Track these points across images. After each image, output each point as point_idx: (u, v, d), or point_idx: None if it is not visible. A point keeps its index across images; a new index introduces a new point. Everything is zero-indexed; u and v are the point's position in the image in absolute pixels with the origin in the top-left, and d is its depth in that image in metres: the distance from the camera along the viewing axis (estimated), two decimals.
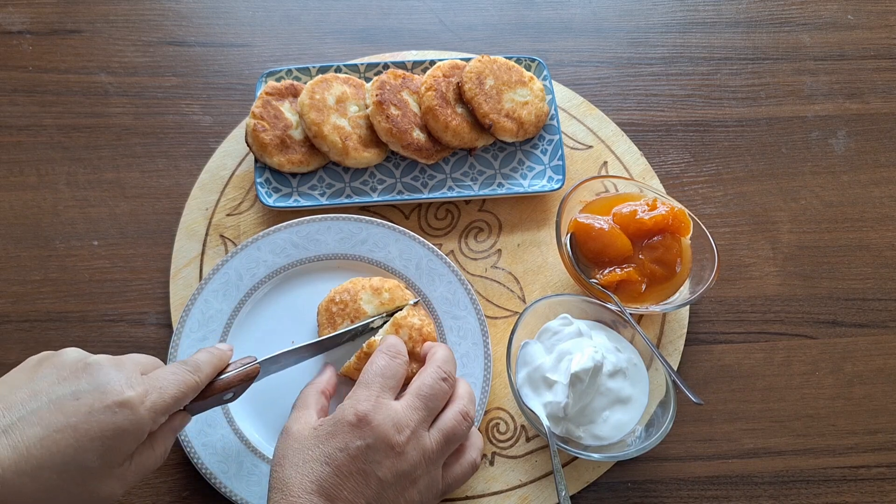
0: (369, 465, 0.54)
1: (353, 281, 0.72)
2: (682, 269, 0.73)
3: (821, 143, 0.87)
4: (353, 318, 0.70)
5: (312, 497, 0.52)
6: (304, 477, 0.53)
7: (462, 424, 0.60)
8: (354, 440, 0.54)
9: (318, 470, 0.53)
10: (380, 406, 0.56)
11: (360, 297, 0.71)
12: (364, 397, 0.57)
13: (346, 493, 0.53)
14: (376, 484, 0.54)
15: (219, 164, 0.82)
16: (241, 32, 0.91)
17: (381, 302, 0.71)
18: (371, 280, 0.72)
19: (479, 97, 0.78)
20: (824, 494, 0.71)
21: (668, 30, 0.93)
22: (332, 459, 0.54)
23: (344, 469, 0.53)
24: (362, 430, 0.54)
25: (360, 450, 0.54)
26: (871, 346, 0.77)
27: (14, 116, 0.85)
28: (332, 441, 0.54)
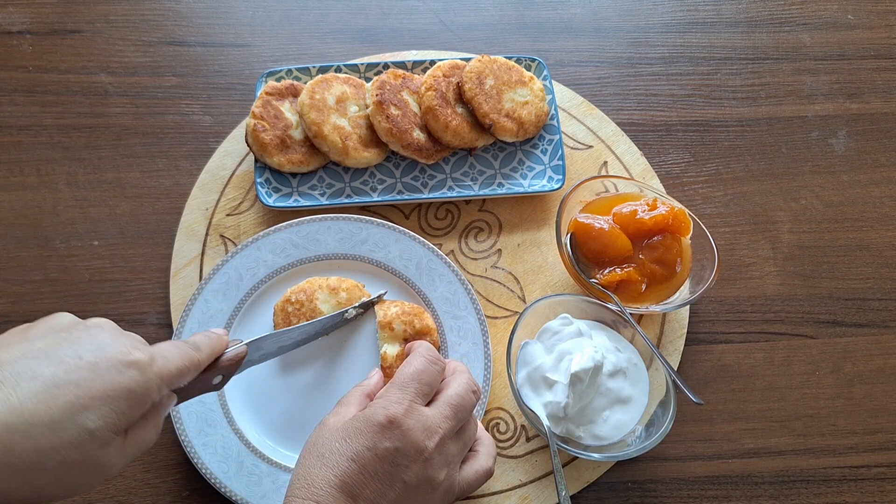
0: (396, 469, 0.53)
1: (310, 280, 0.72)
2: (683, 269, 0.73)
3: (821, 142, 0.87)
4: (308, 317, 0.70)
5: (334, 492, 0.51)
6: (328, 471, 0.52)
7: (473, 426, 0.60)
8: (383, 441, 0.53)
9: (344, 466, 0.52)
10: (412, 410, 0.55)
11: (317, 297, 0.71)
12: (397, 399, 0.56)
13: (369, 493, 0.52)
14: (401, 487, 0.53)
15: (219, 164, 0.82)
16: (241, 32, 0.91)
17: (338, 301, 0.71)
18: (328, 279, 0.72)
19: (479, 97, 0.78)
20: (824, 494, 0.71)
21: (668, 30, 0.93)
22: (360, 457, 0.53)
23: (370, 469, 0.52)
24: (392, 433, 0.53)
25: (388, 451, 0.53)
26: (872, 346, 0.77)
27: (14, 116, 0.85)
28: (361, 439, 0.53)
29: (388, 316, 0.70)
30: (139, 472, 0.70)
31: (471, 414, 0.59)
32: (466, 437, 0.59)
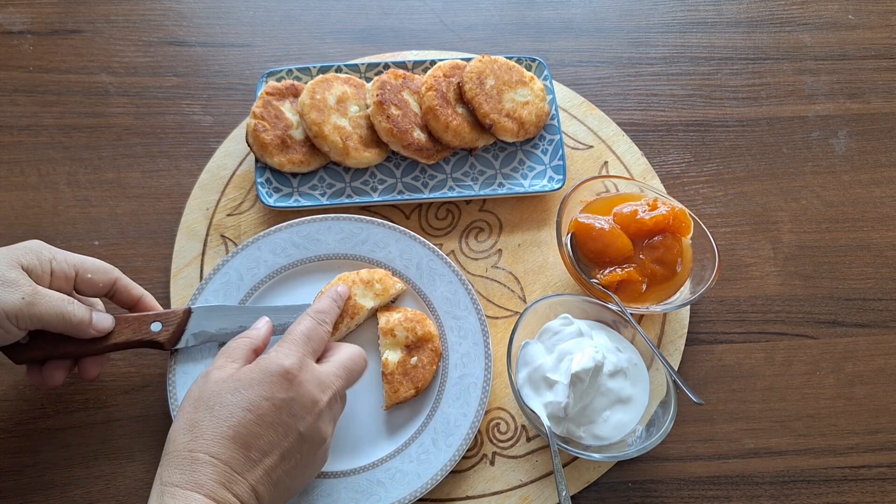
0: (292, 419, 0.53)
1: (343, 277, 0.72)
2: (683, 269, 0.73)
3: (821, 142, 0.87)
4: (352, 315, 0.70)
5: (226, 442, 0.51)
6: (220, 422, 0.52)
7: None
8: (280, 392, 0.54)
9: (239, 416, 0.52)
10: (306, 365, 0.57)
11: (355, 293, 0.71)
12: (290, 353, 0.57)
13: (263, 443, 0.52)
14: (295, 438, 0.54)
15: (219, 164, 0.82)
16: (241, 32, 0.91)
17: (375, 293, 0.71)
18: (359, 273, 0.72)
19: (479, 97, 0.78)
20: (825, 494, 0.71)
21: (669, 30, 0.93)
22: (256, 407, 0.53)
23: (267, 418, 0.52)
24: (290, 384, 0.54)
25: (285, 402, 0.53)
26: (872, 346, 0.77)
27: (15, 116, 0.85)
28: (257, 389, 0.53)
29: (391, 322, 0.70)
30: (140, 472, 0.70)
31: (358, 378, 0.62)
32: (341, 412, 0.61)
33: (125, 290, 0.66)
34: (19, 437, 0.71)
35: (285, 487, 0.55)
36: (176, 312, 0.66)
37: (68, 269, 0.61)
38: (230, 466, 0.51)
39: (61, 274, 0.60)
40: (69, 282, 0.61)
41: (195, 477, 0.50)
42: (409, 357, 0.70)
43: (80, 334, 0.61)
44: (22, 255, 0.59)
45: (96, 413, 0.72)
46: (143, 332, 0.64)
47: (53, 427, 0.71)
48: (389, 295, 0.72)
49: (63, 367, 0.64)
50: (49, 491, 0.69)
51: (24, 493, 0.69)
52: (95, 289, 0.63)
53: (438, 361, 0.71)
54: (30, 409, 0.72)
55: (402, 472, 0.67)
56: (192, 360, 0.70)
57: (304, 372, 0.56)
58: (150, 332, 0.63)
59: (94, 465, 0.70)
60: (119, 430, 0.71)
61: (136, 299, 0.66)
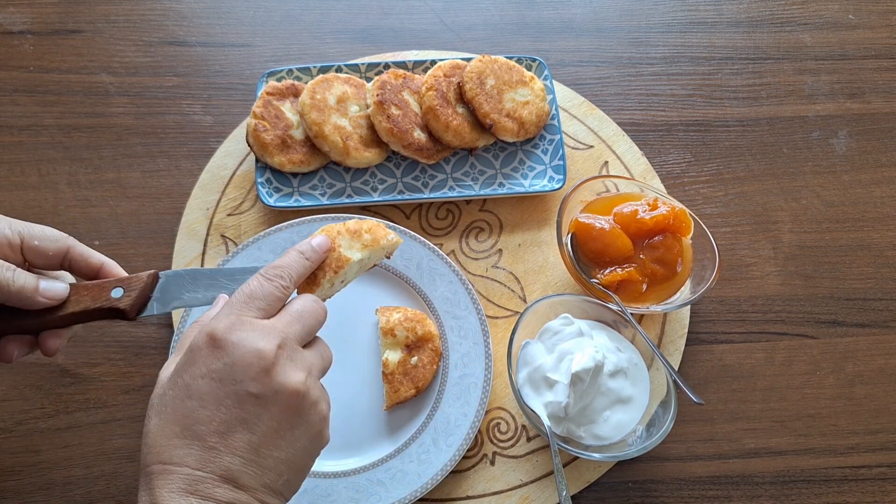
0: (237, 385, 0.45)
1: (326, 228, 0.60)
2: (683, 269, 0.73)
3: (822, 142, 0.87)
4: (336, 268, 0.58)
5: (175, 442, 0.45)
6: (165, 423, 0.46)
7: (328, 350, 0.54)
8: (213, 362, 0.46)
9: (180, 408, 0.45)
10: (240, 323, 0.47)
11: (339, 244, 0.59)
12: (220, 316, 0.49)
13: (216, 425, 0.45)
14: (253, 402, 0.45)
15: (220, 163, 0.82)
16: (241, 32, 0.91)
17: (364, 244, 0.60)
18: (346, 224, 0.60)
19: (479, 97, 0.78)
20: (825, 494, 0.71)
21: (669, 29, 0.93)
22: (194, 390, 0.46)
23: (210, 397, 0.45)
24: (221, 350, 0.46)
25: (222, 370, 0.46)
26: (872, 346, 0.77)
27: (15, 116, 0.85)
28: (190, 370, 0.46)
29: (391, 322, 0.70)
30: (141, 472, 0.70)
31: (320, 324, 0.52)
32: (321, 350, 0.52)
33: (82, 258, 0.59)
34: (20, 437, 0.71)
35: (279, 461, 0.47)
36: (139, 277, 0.58)
37: (12, 235, 0.55)
38: (188, 466, 0.44)
39: (3, 240, 0.55)
40: (14, 249, 0.56)
41: (154, 495, 0.44)
42: (409, 357, 0.70)
43: (27, 304, 0.55)
44: None
45: (97, 413, 0.72)
46: (103, 299, 0.56)
47: (54, 427, 0.71)
48: (380, 246, 0.60)
49: (18, 342, 0.57)
50: (49, 491, 0.69)
51: (25, 493, 0.69)
52: (46, 258, 0.57)
53: (439, 361, 0.71)
54: (30, 409, 0.72)
55: (402, 472, 0.67)
56: None
57: (235, 331, 0.47)
58: (110, 298, 0.56)
59: (94, 465, 0.70)
60: (119, 430, 0.71)
61: (96, 268, 0.59)
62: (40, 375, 0.73)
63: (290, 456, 0.47)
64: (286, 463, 0.47)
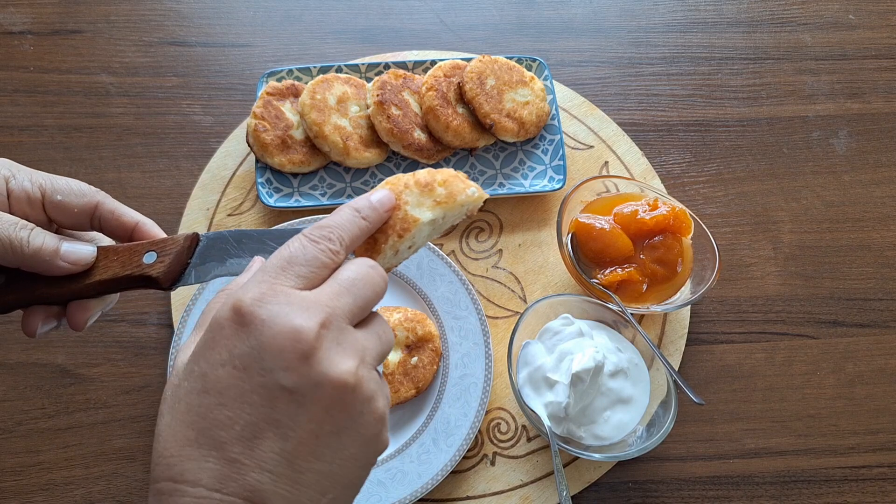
0: (267, 374, 0.35)
1: (390, 180, 0.47)
2: (684, 269, 0.73)
3: (822, 142, 0.87)
4: (401, 231, 0.45)
5: (188, 452, 0.35)
6: (177, 425, 0.36)
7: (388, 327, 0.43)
8: (237, 344, 0.35)
9: (195, 406, 0.35)
10: (272, 294, 0.36)
11: (406, 201, 0.45)
12: (250, 285, 0.37)
13: (239, 430, 0.35)
14: (285, 399, 0.35)
15: (220, 164, 0.82)
16: (242, 32, 0.91)
17: (437, 200, 0.46)
18: (416, 174, 0.46)
19: (480, 97, 0.78)
20: (825, 495, 0.71)
21: (669, 29, 0.93)
22: (213, 382, 0.35)
23: (231, 391, 0.35)
24: (247, 328, 0.35)
25: (248, 356, 0.35)
26: (873, 346, 0.77)
27: (15, 117, 0.85)
28: (209, 354, 0.36)
29: (391, 322, 0.70)
30: (140, 472, 0.70)
31: (378, 297, 0.41)
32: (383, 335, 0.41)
33: (112, 216, 0.49)
34: (20, 438, 0.71)
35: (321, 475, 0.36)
36: (176, 240, 0.48)
37: (32, 189, 0.47)
38: (203, 486, 0.34)
39: (22, 194, 0.46)
40: (34, 205, 0.47)
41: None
42: (409, 357, 0.70)
43: (47, 269, 0.46)
44: None
45: (97, 413, 0.72)
46: (134, 265, 0.47)
47: (54, 427, 0.71)
48: (457, 202, 0.46)
49: (41, 314, 0.48)
50: (50, 491, 0.69)
51: (25, 494, 0.69)
52: (72, 216, 0.48)
53: (439, 361, 0.71)
54: (30, 409, 0.72)
55: (402, 473, 0.67)
56: None
57: (267, 304, 0.36)
58: (141, 264, 0.46)
59: (94, 465, 0.70)
60: (120, 431, 0.71)
61: (130, 227, 0.50)
62: (41, 376, 0.73)
63: (335, 469, 0.37)
64: (330, 478, 0.37)
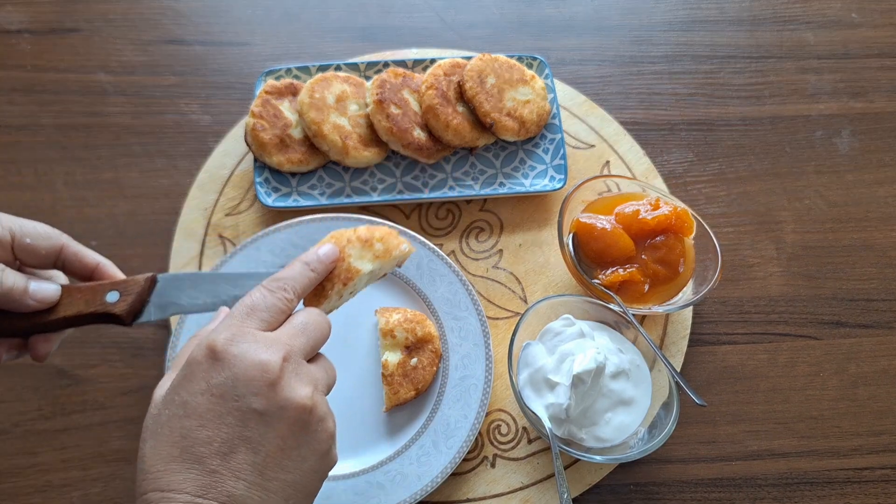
0: (240, 400, 0.42)
1: (335, 234, 0.56)
2: (686, 270, 0.73)
3: (825, 142, 0.86)
4: (344, 280, 0.54)
5: (173, 466, 0.41)
6: (162, 445, 0.42)
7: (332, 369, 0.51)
8: (213, 375, 0.43)
9: (178, 428, 0.42)
10: (242, 335, 0.44)
11: (349, 253, 0.55)
12: (220, 328, 0.45)
13: (217, 446, 0.41)
14: (256, 420, 0.42)
15: (218, 163, 0.81)
16: (240, 31, 0.90)
17: (375, 254, 0.56)
18: (356, 230, 0.56)
19: (480, 96, 0.78)
20: (828, 497, 0.71)
21: (671, 28, 0.92)
22: (193, 407, 0.42)
23: (209, 414, 0.42)
24: (221, 363, 0.43)
25: (223, 385, 0.42)
26: (876, 347, 0.77)
27: (12, 116, 0.84)
28: (188, 386, 0.43)
29: (391, 323, 0.70)
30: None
31: (324, 339, 0.50)
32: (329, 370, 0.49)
33: (75, 257, 0.55)
34: (17, 439, 0.70)
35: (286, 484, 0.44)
36: (136, 280, 0.55)
37: (1, 232, 0.52)
38: (187, 493, 0.41)
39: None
40: (5, 247, 0.52)
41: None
42: (409, 358, 0.69)
43: (16, 305, 0.51)
44: None
45: (94, 415, 0.71)
46: (98, 304, 0.53)
47: (51, 429, 0.71)
48: (392, 257, 0.56)
49: (5, 345, 0.54)
50: (47, 493, 0.68)
51: (22, 495, 0.68)
52: (38, 257, 0.54)
53: (439, 363, 0.70)
54: (27, 410, 0.71)
55: (402, 475, 0.67)
56: None
57: (237, 343, 0.44)
58: (104, 302, 0.53)
59: (91, 467, 0.70)
60: (117, 433, 0.71)
61: (91, 267, 0.56)
62: (37, 377, 0.72)
63: (297, 478, 0.44)
64: (293, 486, 0.44)
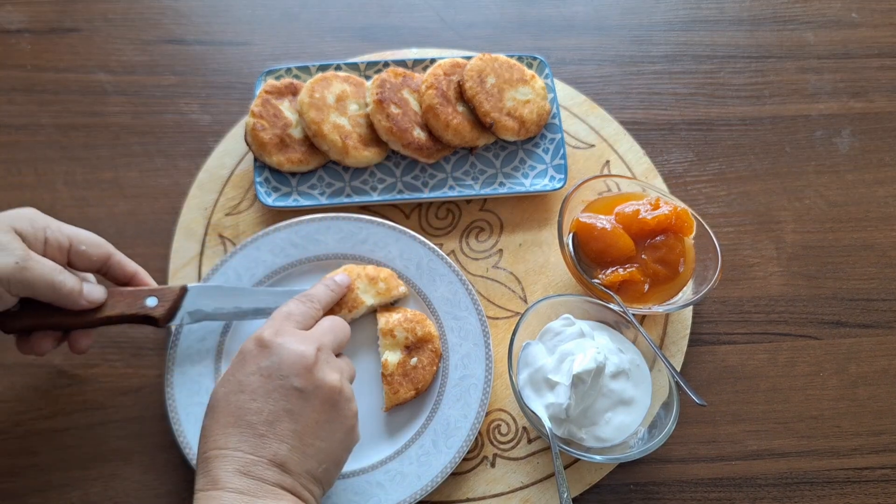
0: (284, 380, 0.53)
1: (347, 269, 0.72)
2: (686, 270, 0.72)
3: (825, 142, 0.86)
4: (350, 307, 0.70)
5: (230, 430, 0.51)
6: (221, 416, 0.52)
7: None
8: (262, 360, 0.54)
9: (233, 401, 0.52)
10: (284, 331, 0.56)
11: (357, 287, 0.70)
12: (265, 326, 0.57)
13: (266, 415, 0.52)
14: (297, 396, 0.53)
15: (218, 163, 0.81)
16: (240, 30, 0.90)
17: (378, 292, 0.71)
18: (365, 268, 0.72)
19: (480, 95, 0.78)
20: (828, 496, 0.71)
21: (671, 27, 0.92)
22: (246, 385, 0.53)
23: (259, 390, 0.53)
24: (268, 350, 0.54)
25: (271, 367, 0.53)
26: (876, 347, 0.77)
27: (12, 115, 0.84)
28: (242, 369, 0.54)
29: (390, 323, 0.70)
30: (137, 473, 0.69)
31: (347, 339, 0.62)
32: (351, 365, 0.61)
33: (119, 265, 0.65)
34: (17, 439, 0.70)
35: (319, 450, 0.53)
36: (172, 289, 0.66)
37: (62, 238, 0.60)
38: (241, 451, 0.50)
39: (55, 243, 0.59)
40: (62, 252, 0.60)
41: (212, 476, 0.50)
42: (408, 358, 0.69)
43: (71, 304, 0.60)
44: (16, 221, 0.58)
45: (94, 415, 0.71)
46: (138, 307, 0.64)
47: (51, 429, 0.71)
48: (391, 296, 0.72)
49: (53, 337, 0.63)
50: (46, 493, 0.68)
51: (22, 495, 0.68)
52: (89, 262, 0.63)
53: (439, 362, 0.70)
54: (27, 410, 0.71)
55: (401, 474, 0.67)
56: (190, 362, 0.69)
57: (280, 336, 0.55)
58: (144, 306, 0.64)
59: (91, 466, 0.69)
60: (117, 432, 0.71)
61: (130, 275, 0.66)
62: (38, 377, 0.72)
63: (328, 446, 0.54)
64: (325, 452, 0.54)
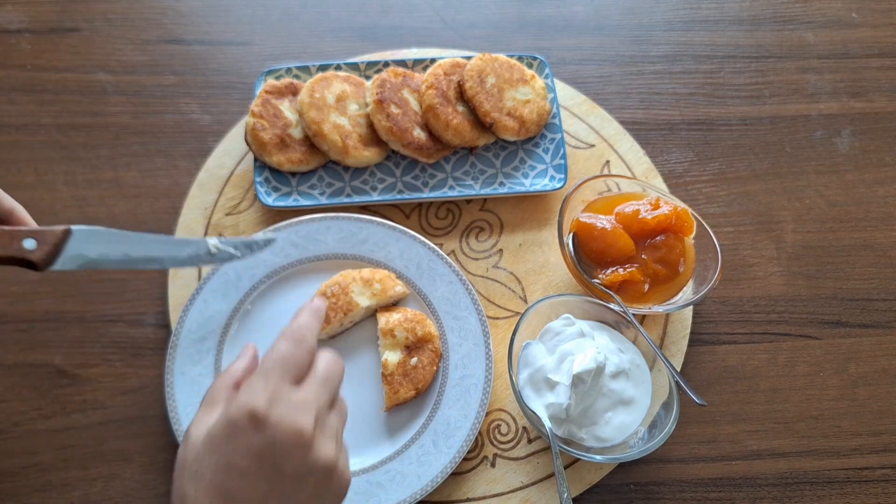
0: (278, 462, 0.48)
1: (343, 274, 0.72)
2: (686, 269, 0.72)
3: (825, 142, 0.86)
4: (345, 311, 0.70)
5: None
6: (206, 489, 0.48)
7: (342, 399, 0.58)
8: (255, 438, 0.48)
9: (220, 478, 0.48)
10: (278, 397, 0.50)
11: (352, 290, 0.70)
12: (260, 389, 0.50)
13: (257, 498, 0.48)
14: (291, 479, 0.49)
15: (218, 163, 0.81)
16: (240, 30, 0.90)
17: (373, 293, 0.71)
18: (361, 272, 0.72)
19: (480, 95, 0.78)
20: (828, 496, 0.71)
21: (671, 27, 0.92)
22: (236, 463, 0.48)
23: (250, 471, 0.48)
24: (262, 427, 0.48)
25: (264, 448, 0.48)
26: (876, 347, 0.77)
27: (12, 115, 0.84)
28: (231, 443, 0.48)
29: (391, 323, 0.70)
30: (137, 473, 0.69)
31: (340, 383, 0.55)
32: (341, 407, 0.56)
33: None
34: (16, 439, 0.70)
35: None
36: (53, 231, 0.59)
37: None
38: None
39: None
40: None
41: None
42: (409, 358, 0.69)
43: None
44: None
45: (93, 414, 0.71)
46: (15, 248, 0.57)
47: (51, 428, 0.71)
48: (388, 296, 0.71)
49: None
50: (46, 493, 0.68)
51: (22, 495, 0.68)
52: None
53: (439, 362, 0.70)
54: (27, 410, 0.71)
55: (401, 474, 0.67)
56: (190, 361, 0.69)
57: (275, 407, 0.49)
58: (21, 248, 0.57)
59: (91, 466, 0.69)
60: (117, 432, 0.71)
61: (6, 211, 0.59)
62: (37, 376, 0.72)
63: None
64: None
